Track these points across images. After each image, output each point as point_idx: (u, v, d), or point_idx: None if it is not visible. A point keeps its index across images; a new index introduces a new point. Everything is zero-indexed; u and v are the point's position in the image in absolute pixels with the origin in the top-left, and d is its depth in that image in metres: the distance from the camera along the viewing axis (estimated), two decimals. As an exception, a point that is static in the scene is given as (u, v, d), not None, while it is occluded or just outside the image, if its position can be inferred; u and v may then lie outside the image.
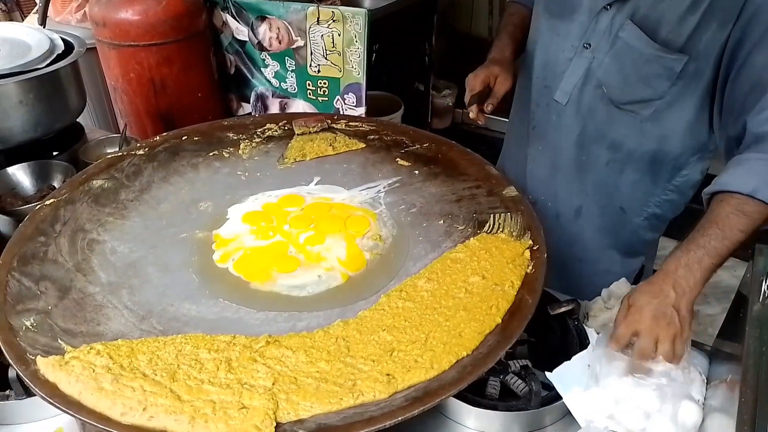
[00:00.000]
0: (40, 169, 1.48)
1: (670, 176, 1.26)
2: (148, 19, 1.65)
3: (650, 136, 1.18)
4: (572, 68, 1.19)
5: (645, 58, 1.08)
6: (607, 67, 1.14)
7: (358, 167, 1.27)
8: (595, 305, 1.09)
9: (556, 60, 1.22)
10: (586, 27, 1.15)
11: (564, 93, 1.22)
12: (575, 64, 1.19)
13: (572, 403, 0.91)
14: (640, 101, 1.14)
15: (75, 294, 0.94)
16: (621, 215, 1.31)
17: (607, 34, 1.12)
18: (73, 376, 0.78)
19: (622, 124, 1.19)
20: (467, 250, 1.02)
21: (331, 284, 0.98)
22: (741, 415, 0.73)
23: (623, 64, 1.12)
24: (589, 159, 1.26)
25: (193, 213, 1.14)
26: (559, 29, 1.20)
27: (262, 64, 1.89)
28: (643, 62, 1.09)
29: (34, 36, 1.58)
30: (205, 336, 0.87)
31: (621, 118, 1.18)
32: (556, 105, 1.24)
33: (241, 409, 0.76)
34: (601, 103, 1.18)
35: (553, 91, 1.24)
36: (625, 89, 1.14)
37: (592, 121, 1.21)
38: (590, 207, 1.33)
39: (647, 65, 1.09)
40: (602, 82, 1.15)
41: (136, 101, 1.78)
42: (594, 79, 1.17)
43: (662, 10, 1.05)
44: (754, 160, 0.97)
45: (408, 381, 0.80)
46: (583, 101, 1.20)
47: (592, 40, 1.15)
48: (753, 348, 0.81)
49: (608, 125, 1.20)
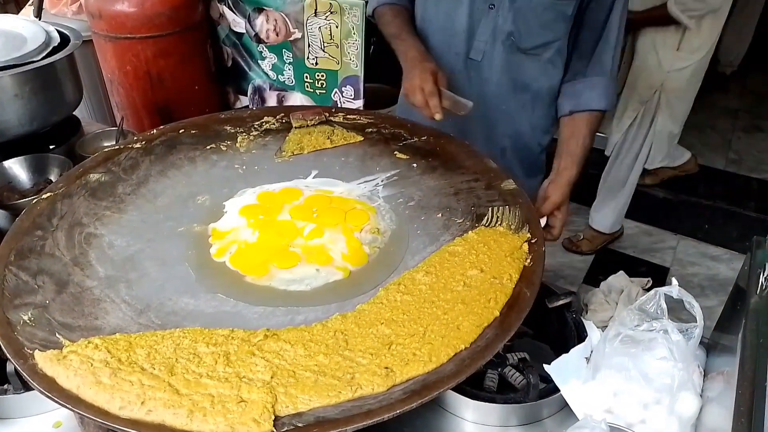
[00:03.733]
0: (36, 162, 1.48)
1: None
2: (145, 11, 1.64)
3: (550, 75, 1.40)
4: (481, 28, 1.35)
5: (543, 7, 1.28)
6: (511, 21, 1.32)
7: (356, 160, 1.27)
8: (594, 298, 1.10)
9: (464, 25, 1.36)
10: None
11: (478, 51, 1.38)
12: (484, 24, 1.35)
13: (570, 395, 0.92)
14: (542, 44, 1.34)
15: (72, 288, 0.94)
16: (534, 147, 1.53)
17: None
18: (71, 370, 0.78)
19: (529, 67, 1.38)
20: (465, 244, 1.02)
21: (329, 278, 0.98)
22: (738, 407, 0.73)
23: (525, 15, 1.30)
24: (508, 105, 1.44)
25: (190, 206, 1.14)
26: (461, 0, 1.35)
27: (259, 57, 1.88)
28: (541, 11, 1.29)
29: (29, 28, 1.57)
30: (204, 330, 0.87)
31: (528, 63, 1.37)
32: (471, 62, 1.39)
33: (239, 403, 0.76)
34: (509, 52, 1.36)
35: (468, 52, 1.38)
36: (530, 36, 1.33)
37: (506, 70, 1.39)
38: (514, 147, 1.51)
39: (545, 12, 1.29)
40: (510, 33, 1.33)
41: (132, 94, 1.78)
42: (502, 33, 1.34)
43: None
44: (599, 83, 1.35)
45: (406, 374, 0.80)
46: (495, 54, 1.37)
47: (495, 1, 1.32)
48: (750, 340, 0.82)
49: (518, 71, 1.39)
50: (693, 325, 0.94)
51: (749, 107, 4.13)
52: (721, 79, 4.33)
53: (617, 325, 0.98)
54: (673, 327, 0.93)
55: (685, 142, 3.72)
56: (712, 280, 2.71)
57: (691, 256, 2.86)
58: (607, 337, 0.96)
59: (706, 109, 4.05)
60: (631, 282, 1.12)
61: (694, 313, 0.94)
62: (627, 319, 0.97)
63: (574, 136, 1.34)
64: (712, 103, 4.13)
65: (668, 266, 2.81)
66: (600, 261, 2.85)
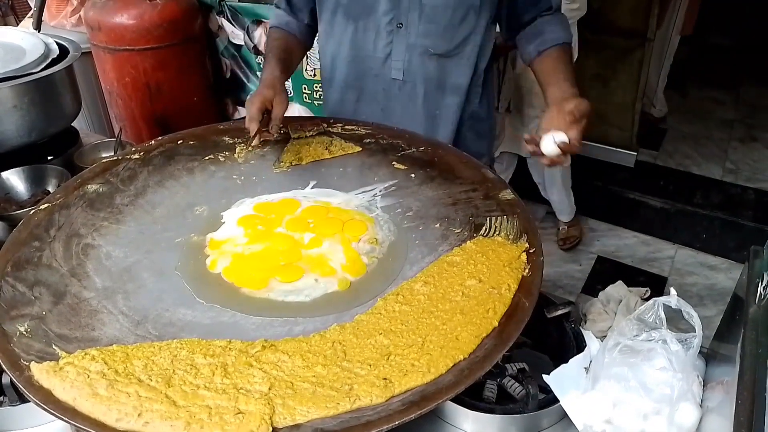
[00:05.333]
0: (34, 173, 1.48)
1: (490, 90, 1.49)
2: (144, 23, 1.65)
3: (474, 68, 1.38)
4: (396, 48, 1.34)
5: (452, 9, 1.28)
6: (425, 33, 1.30)
7: (354, 171, 1.27)
8: (593, 308, 1.09)
9: (376, 49, 1.35)
10: (392, 12, 1.30)
11: (398, 70, 1.36)
12: (397, 44, 1.33)
13: (569, 406, 0.91)
14: (461, 42, 1.33)
15: (70, 299, 0.93)
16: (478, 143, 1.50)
17: (413, 7, 1.29)
18: (67, 382, 0.78)
19: (454, 67, 1.36)
20: (464, 254, 1.02)
21: (328, 289, 0.98)
22: (738, 417, 0.73)
23: (437, 23, 1.29)
24: (441, 110, 1.42)
25: (188, 217, 1.14)
26: (368, 25, 1.34)
27: (258, 68, 1.89)
28: (451, 13, 1.28)
29: (28, 40, 1.58)
30: (201, 341, 0.86)
31: (452, 64, 1.36)
32: (394, 82, 1.39)
33: (237, 415, 0.75)
34: (430, 62, 1.34)
35: (388, 74, 1.38)
36: (446, 40, 1.32)
37: (431, 79, 1.37)
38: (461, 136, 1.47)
39: (455, 12, 1.28)
40: (426, 45, 1.32)
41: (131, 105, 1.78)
42: (417, 48, 1.33)
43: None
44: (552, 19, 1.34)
45: (405, 385, 0.79)
46: (415, 68, 1.35)
47: (402, 19, 1.30)
48: (749, 350, 0.81)
49: (444, 75, 1.37)
50: (692, 335, 0.94)
51: (744, 117, 4.15)
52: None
53: (616, 335, 0.98)
54: (672, 337, 0.93)
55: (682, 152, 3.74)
56: (710, 290, 2.71)
57: (690, 266, 2.86)
58: (606, 347, 0.96)
59: (702, 119, 4.07)
60: (630, 292, 1.11)
61: (693, 322, 0.94)
62: (626, 329, 0.97)
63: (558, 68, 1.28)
64: (707, 113, 4.15)
65: (666, 276, 2.81)
66: (598, 271, 2.84)
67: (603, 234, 3.08)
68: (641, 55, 3.07)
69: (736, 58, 4.75)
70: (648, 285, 1.25)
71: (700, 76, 4.45)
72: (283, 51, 1.40)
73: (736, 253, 2.87)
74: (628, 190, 3.33)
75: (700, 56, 4.43)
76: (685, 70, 4.04)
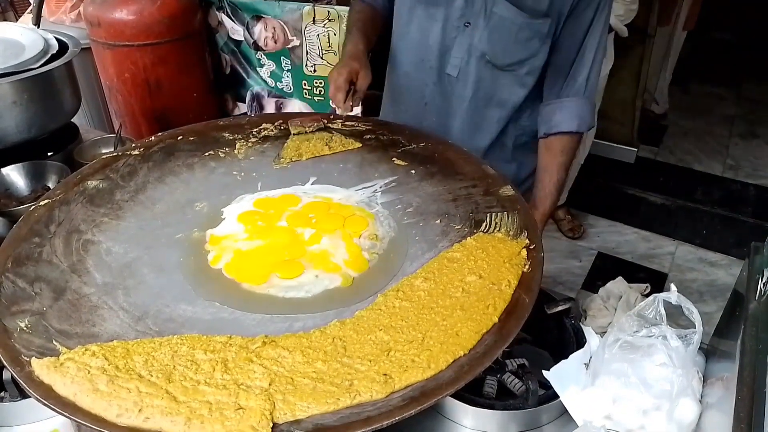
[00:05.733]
0: (34, 169, 1.48)
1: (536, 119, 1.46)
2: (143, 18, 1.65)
3: (527, 89, 1.38)
4: (457, 45, 1.34)
5: (518, 27, 1.27)
6: (487, 40, 1.30)
7: (354, 167, 1.27)
8: (593, 304, 1.09)
9: (440, 41, 1.35)
10: (463, 9, 1.30)
11: (454, 67, 1.37)
12: (459, 42, 1.34)
13: (569, 401, 0.91)
14: (518, 62, 1.33)
15: (70, 295, 0.93)
16: (515, 167, 1.51)
17: (483, 12, 1.28)
18: (68, 378, 0.78)
19: (506, 83, 1.37)
20: (464, 250, 1.02)
21: (328, 285, 0.98)
22: (738, 413, 0.73)
23: (501, 34, 1.29)
24: (482, 121, 1.43)
25: (188, 213, 1.14)
26: (437, 15, 1.34)
27: (257, 64, 1.89)
28: (516, 30, 1.27)
29: (28, 36, 1.57)
30: (201, 337, 0.86)
31: (504, 79, 1.36)
32: (448, 78, 1.39)
33: (237, 410, 0.75)
34: (486, 69, 1.35)
35: (444, 67, 1.38)
36: (506, 54, 1.32)
37: (482, 86, 1.38)
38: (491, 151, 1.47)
39: (521, 32, 1.27)
40: (485, 52, 1.32)
41: (131, 101, 1.78)
42: (477, 51, 1.33)
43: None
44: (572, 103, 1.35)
45: (405, 381, 0.79)
46: (471, 70, 1.36)
47: (470, 20, 1.31)
48: (749, 346, 0.81)
49: (495, 87, 1.38)
50: (692, 331, 0.94)
51: (745, 114, 4.15)
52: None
53: (616, 331, 0.98)
54: (672, 333, 0.93)
55: (682, 148, 3.74)
56: (710, 286, 2.71)
57: (690, 262, 2.86)
58: (606, 343, 0.96)
59: (703, 116, 4.07)
60: (630, 288, 1.11)
61: (693, 318, 0.94)
62: (626, 325, 0.97)
63: (548, 170, 1.36)
64: (708, 110, 4.15)
65: (667, 272, 2.81)
66: (598, 267, 2.85)
67: (603, 230, 3.08)
68: (642, 52, 3.07)
69: (738, 54, 4.74)
70: (648, 281, 1.25)
71: (702, 72, 4.45)
72: (365, 25, 1.42)
73: (737, 250, 2.88)
74: (629, 186, 3.33)
75: (702, 52, 4.42)
76: (687, 66, 4.04)
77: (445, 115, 1.44)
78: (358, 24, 1.41)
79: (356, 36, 1.38)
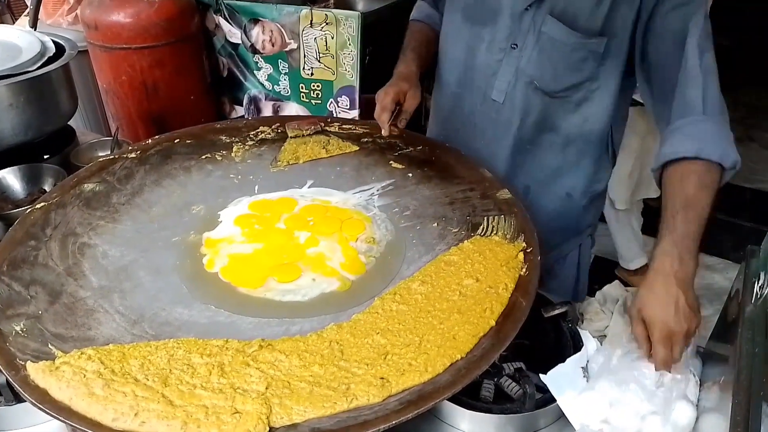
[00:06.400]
0: (30, 172, 1.47)
1: (606, 151, 1.33)
2: (140, 21, 1.65)
3: (584, 117, 1.25)
4: (503, 68, 1.24)
5: (570, 47, 1.15)
6: (536, 62, 1.20)
7: (351, 170, 1.27)
8: (590, 307, 1.09)
9: (485, 63, 1.27)
10: (510, 29, 1.21)
11: (500, 92, 1.26)
12: (506, 64, 1.24)
13: (566, 405, 0.91)
14: (571, 87, 1.20)
15: (66, 298, 0.93)
16: (567, 200, 1.37)
17: (531, 31, 1.18)
18: (63, 382, 0.77)
19: (558, 110, 1.25)
20: (461, 253, 1.02)
21: (325, 288, 0.98)
22: (734, 417, 0.73)
23: (551, 56, 1.18)
24: (533, 147, 1.31)
25: (185, 216, 1.14)
26: (482, 35, 1.25)
27: (255, 67, 1.89)
28: (569, 51, 1.16)
29: (24, 38, 1.57)
30: (198, 340, 0.86)
31: (556, 106, 1.24)
32: (493, 103, 1.29)
33: (233, 414, 0.75)
34: (535, 95, 1.23)
35: (489, 92, 1.28)
36: (556, 78, 1.20)
37: (530, 113, 1.26)
38: (536, 194, 1.36)
39: (573, 53, 1.16)
40: (533, 76, 1.21)
41: (128, 104, 1.77)
42: (525, 75, 1.22)
43: (576, 1, 1.13)
44: (686, 125, 1.05)
45: (402, 384, 0.79)
46: (518, 96, 1.25)
47: (518, 41, 1.21)
48: (746, 349, 0.81)
49: (545, 114, 1.26)
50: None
51: (742, 118, 4.16)
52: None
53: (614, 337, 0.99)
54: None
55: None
56: (707, 290, 2.71)
57: (686, 266, 2.86)
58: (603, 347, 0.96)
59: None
60: (627, 291, 1.11)
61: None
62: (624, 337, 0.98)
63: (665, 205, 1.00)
64: (705, 113, 4.15)
65: (663, 276, 2.81)
66: (595, 270, 2.85)
67: (600, 234, 3.06)
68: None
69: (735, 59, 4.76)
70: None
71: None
72: (420, 44, 1.38)
73: (733, 253, 2.88)
74: (626, 190, 3.32)
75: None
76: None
77: (494, 142, 1.33)
78: (413, 44, 1.37)
79: (409, 56, 1.33)
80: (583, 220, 1.44)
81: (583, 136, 1.28)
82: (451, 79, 1.35)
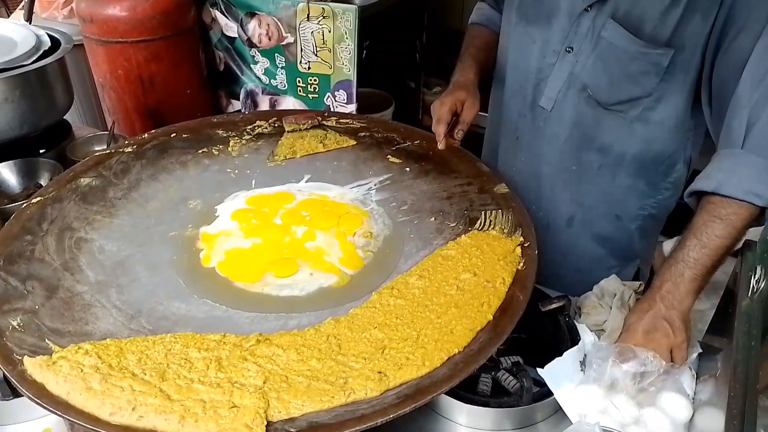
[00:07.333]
0: (26, 167, 1.47)
1: (664, 175, 1.23)
2: (136, 15, 1.63)
3: (640, 136, 1.15)
4: (555, 73, 1.16)
5: (630, 56, 1.06)
6: (591, 69, 1.11)
7: (348, 165, 1.27)
8: (587, 301, 1.10)
9: (537, 67, 1.19)
10: (566, 31, 1.12)
11: (549, 99, 1.18)
12: (558, 69, 1.15)
13: (563, 399, 0.91)
14: (628, 100, 1.11)
15: (62, 293, 0.93)
16: (616, 223, 1.28)
17: (590, 35, 1.10)
18: (61, 376, 0.77)
19: (611, 126, 1.16)
20: (458, 247, 1.02)
21: (322, 283, 0.98)
22: (730, 409, 0.73)
23: (608, 64, 1.09)
24: (579, 166, 1.22)
25: (182, 211, 1.13)
26: (535, 36, 1.18)
27: (251, 61, 1.88)
28: (628, 60, 1.07)
29: (19, 32, 1.56)
30: (195, 335, 0.86)
31: (609, 120, 1.15)
32: (541, 111, 1.21)
33: (231, 408, 0.75)
34: (587, 106, 1.15)
35: (537, 98, 1.20)
36: (612, 89, 1.11)
37: (580, 126, 1.18)
38: (583, 216, 1.29)
39: (633, 63, 1.07)
40: (587, 84, 1.13)
41: (124, 98, 1.76)
42: (578, 82, 1.14)
43: (644, 6, 1.04)
44: (721, 156, 0.99)
45: (399, 378, 0.79)
46: (568, 105, 1.17)
47: (574, 44, 1.12)
48: (742, 343, 0.82)
49: (596, 129, 1.17)
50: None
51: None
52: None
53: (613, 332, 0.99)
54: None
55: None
56: (703, 284, 2.72)
57: (683, 260, 2.87)
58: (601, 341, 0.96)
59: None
60: (624, 285, 1.12)
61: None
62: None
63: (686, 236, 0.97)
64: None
65: (660, 270, 2.82)
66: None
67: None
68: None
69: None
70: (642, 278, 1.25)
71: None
72: (478, 50, 1.30)
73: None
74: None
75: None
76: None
77: (536, 155, 1.26)
78: (471, 50, 1.30)
79: (467, 62, 1.27)
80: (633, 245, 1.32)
81: (638, 159, 1.18)
82: (503, 83, 1.28)
